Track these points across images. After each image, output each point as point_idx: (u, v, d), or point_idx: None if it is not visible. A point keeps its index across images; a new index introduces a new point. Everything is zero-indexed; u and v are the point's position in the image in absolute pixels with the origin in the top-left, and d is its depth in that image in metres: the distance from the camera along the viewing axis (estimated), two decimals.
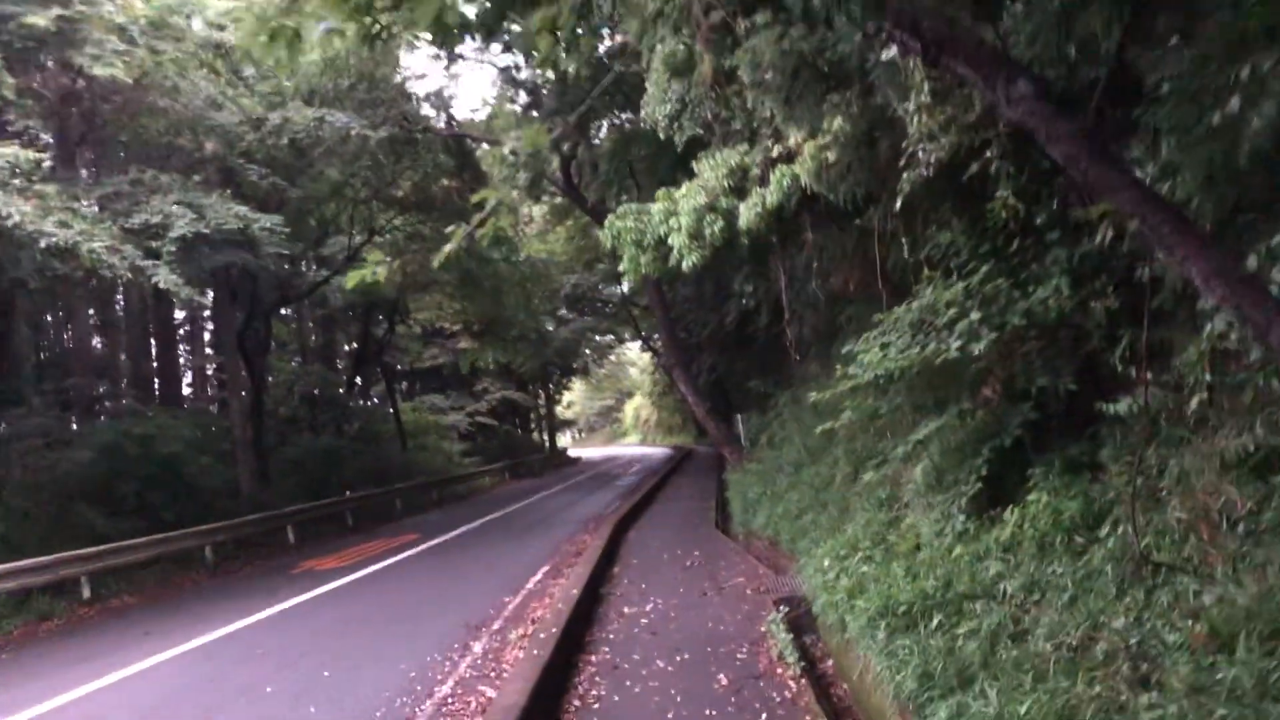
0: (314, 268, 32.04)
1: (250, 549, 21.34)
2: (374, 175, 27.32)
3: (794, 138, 9.26)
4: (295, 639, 10.57)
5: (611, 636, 8.66)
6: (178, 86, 18.39)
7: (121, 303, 32.03)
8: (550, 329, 44.75)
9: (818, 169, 8.68)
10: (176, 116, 19.04)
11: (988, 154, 7.20)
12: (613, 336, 61.01)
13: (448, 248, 5.72)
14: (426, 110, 27.10)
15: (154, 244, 15.14)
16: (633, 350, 75.73)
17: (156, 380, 32.03)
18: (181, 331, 37.48)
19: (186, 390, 36.41)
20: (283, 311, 38.44)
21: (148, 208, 15.29)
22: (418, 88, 28.39)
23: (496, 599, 11.56)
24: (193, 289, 15.28)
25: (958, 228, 8.42)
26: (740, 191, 10.01)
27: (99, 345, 33.02)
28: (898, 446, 8.33)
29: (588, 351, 60.43)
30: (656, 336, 52.56)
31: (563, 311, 47.97)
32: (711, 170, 10.06)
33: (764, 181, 9.72)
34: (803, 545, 10.79)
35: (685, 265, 9.91)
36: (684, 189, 10.07)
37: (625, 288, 45.21)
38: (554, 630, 7.75)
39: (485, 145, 27.52)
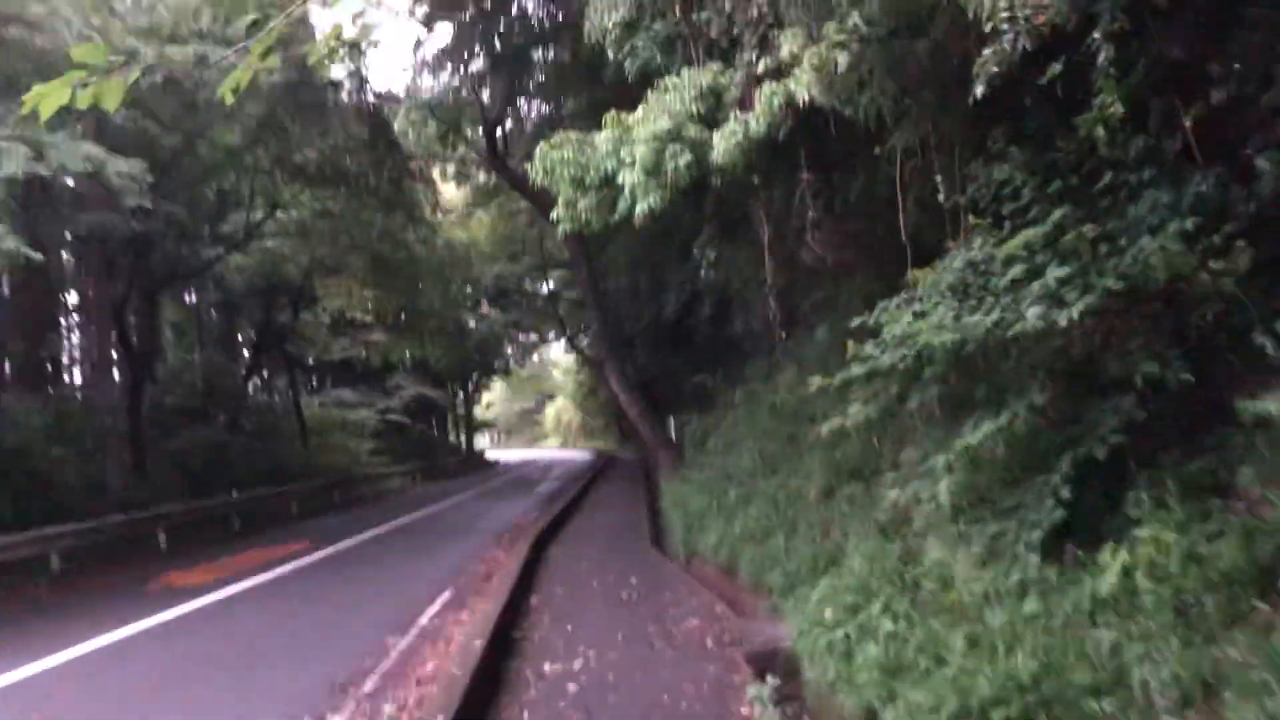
0: (216, 245, 28.94)
1: (112, 555, 18.44)
2: (275, 140, 24.54)
3: (788, 47, 6.97)
4: (98, 694, 7.94)
5: (527, 716, 6.21)
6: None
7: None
8: (471, 324, 41.99)
9: (826, 79, 6.38)
10: (40, 54, 16.15)
11: (1094, 36, 4.99)
12: (536, 336, 58.55)
13: (240, 70, 3.34)
14: (337, 72, 24.31)
15: None
16: (556, 350, 73.42)
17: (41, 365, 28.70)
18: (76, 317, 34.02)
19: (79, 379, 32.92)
20: (189, 299, 35.23)
21: None
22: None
23: (378, 640, 9.00)
24: (23, 245, 12.40)
25: (1017, 160, 6.21)
26: (711, 122, 7.70)
27: None
28: (934, 455, 5.99)
29: (509, 350, 57.87)
30: (583, 336, 50.21)
31: (485, 309, 45.38)
32: (675, 92, 7.73)
33: (745, 105, 7.42)
34: (775, 579, 8.49)
35: (638, 210, 7.53)
36: (640, 111, 7.70)
37: (550, 285, 42.82)
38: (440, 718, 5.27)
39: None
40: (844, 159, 8.29)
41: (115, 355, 24.53)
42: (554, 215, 8.38)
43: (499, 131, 21.26)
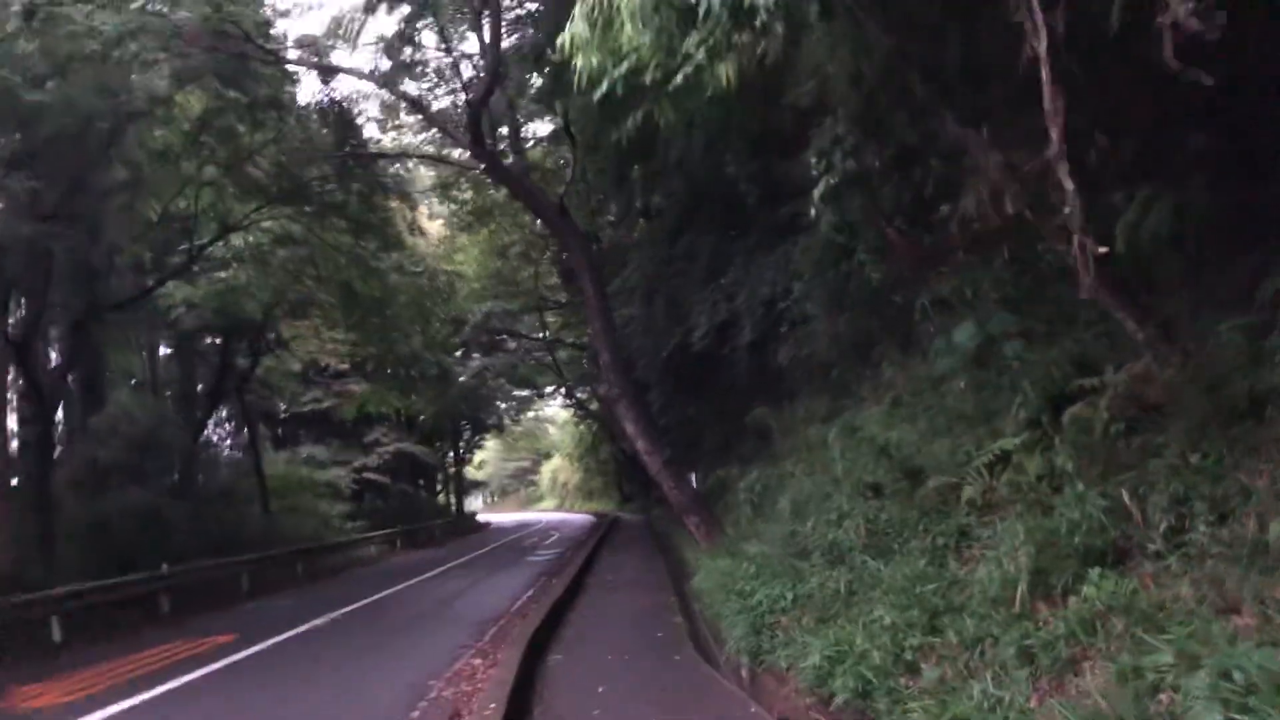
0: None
1: None
2: (221, 144, 20.63)
3: None
4: None
5: None
6: None
7: None
8: (458, 369, 37.83)
9: None
10: None
11: None
12: (531, 390, 54.63)
13: None
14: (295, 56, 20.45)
15: None
16: (552, 408, 69.53)
17: None
18: None
19: None
20: (170, 348, 30.89)
21: None
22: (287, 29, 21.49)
23: None
24: None
25: None
26: None
27: None
28: None
29: (502, 405, 53.87)
30: (582, 389, 46.02)
31: (476, 359, 41.45)
32: None
33: None
34: None
35: None
36: None
37: (546, 332, 38.74)
38: None
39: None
40: None
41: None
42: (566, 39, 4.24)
43: (484, 116, 17.31)
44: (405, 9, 18.51)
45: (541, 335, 39.43)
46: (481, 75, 17.31)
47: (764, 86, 7.01)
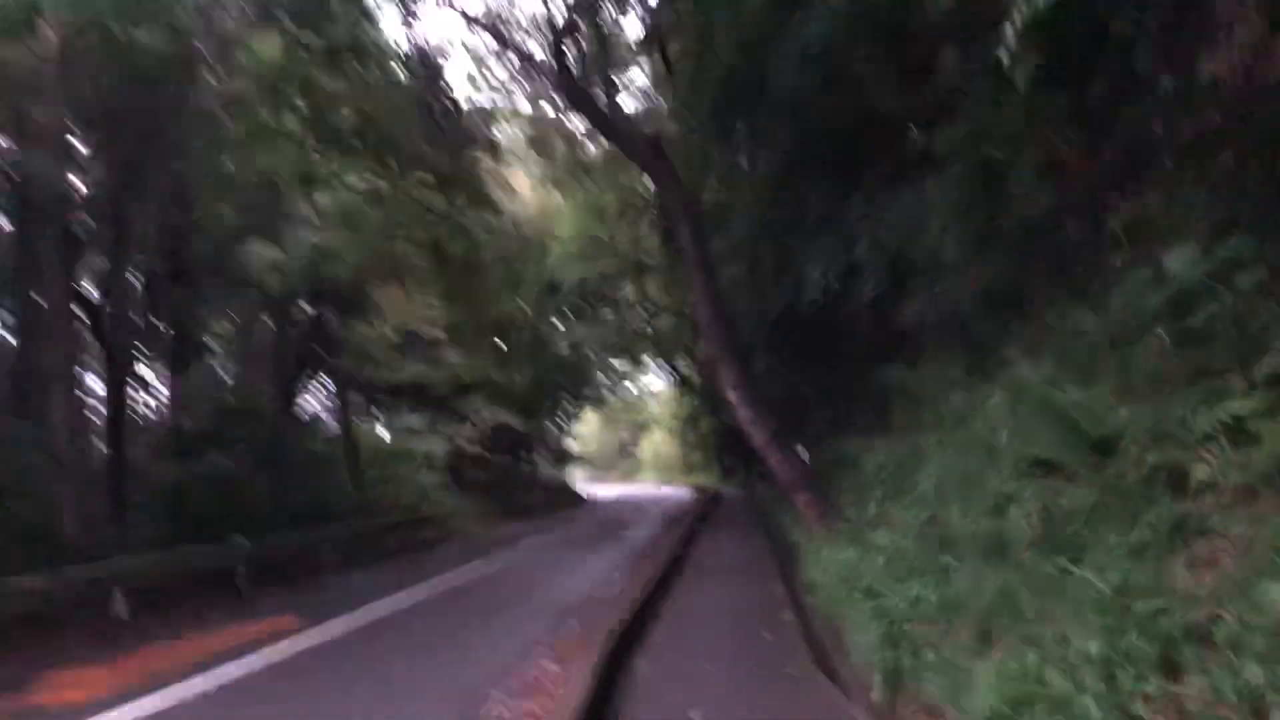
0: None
1: (48, 628, 13.29)
2: (302, 97, 19.42)
3: None
4: None
5: None
6: None
7: None
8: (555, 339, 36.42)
9: None
10: None
11: None
12: (629, 357, 53.21)
13: None
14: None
15: None
16: (652, 378, 68.08)
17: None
18: None
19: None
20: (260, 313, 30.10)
21: None
22: None
23: None
24: None
25: None
26: None
27: None
28: None
29: (600, 376, 52.57)
30: (682, 359, 44.36)
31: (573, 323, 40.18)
32: None
33: None
34: None
35: None
36: None
37: (646, 299, 37.14)
38: None
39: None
40: None
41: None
42: None
43: (571, 48, 15.63)
44: None
45: (640, 302, 37.86)
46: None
47: None
